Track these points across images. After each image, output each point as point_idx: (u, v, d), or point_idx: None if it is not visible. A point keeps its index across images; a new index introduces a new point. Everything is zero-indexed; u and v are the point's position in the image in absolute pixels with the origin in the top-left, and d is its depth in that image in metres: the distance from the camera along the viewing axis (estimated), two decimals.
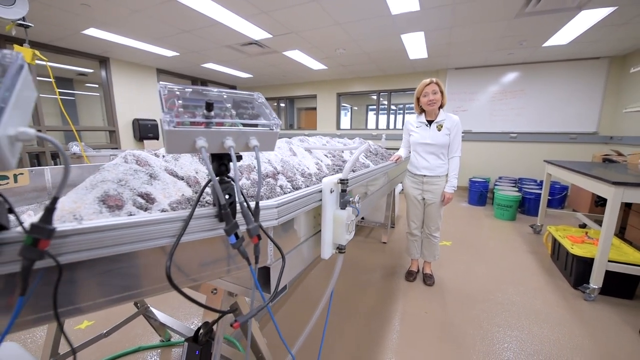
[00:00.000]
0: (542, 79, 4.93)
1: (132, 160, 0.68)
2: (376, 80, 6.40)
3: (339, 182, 0.94)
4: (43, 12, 3.18)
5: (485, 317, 1.95)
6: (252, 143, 0.53)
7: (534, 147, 5.20)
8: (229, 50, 4.63)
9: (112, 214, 0.56)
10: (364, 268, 2.64)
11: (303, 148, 1.33)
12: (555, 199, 4.49)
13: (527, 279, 2.46)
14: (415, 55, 4.71)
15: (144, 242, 0.50)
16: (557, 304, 2.11)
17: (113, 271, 0.52)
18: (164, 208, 0.63)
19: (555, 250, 2.70)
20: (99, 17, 3.32)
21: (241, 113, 0.56)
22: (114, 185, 0.60)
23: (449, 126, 2.07)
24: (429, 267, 2.44)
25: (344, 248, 0.99)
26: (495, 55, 4.63)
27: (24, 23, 2.59)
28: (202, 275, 0.64)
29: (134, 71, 5.51)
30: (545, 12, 3.06)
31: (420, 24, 3.44)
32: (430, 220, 2.26)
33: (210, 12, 3.14)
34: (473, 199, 4.90)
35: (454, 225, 3.84)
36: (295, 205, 0.76)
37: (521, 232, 3.59)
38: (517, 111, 5.17)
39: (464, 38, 3.90)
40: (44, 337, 1.41)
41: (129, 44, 4.28)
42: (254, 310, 0.56)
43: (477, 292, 2.25)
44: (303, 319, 1.90)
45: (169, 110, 0.47)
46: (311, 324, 0.95)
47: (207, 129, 0.49)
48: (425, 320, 1.93)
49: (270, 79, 7.00)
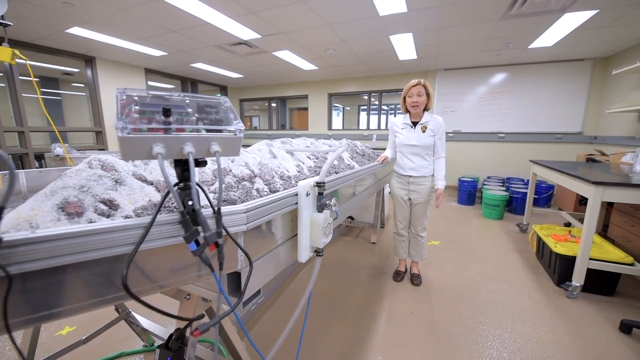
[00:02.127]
0: (529, 79, 5.01)
1: (97, 166, 0.67)
2: (367, 80, 6.42)
3: (315, 185, 0.94)
4: (25, 10, 3.10)
5: (470, 315, 1.98)
6: (213, 149, 0.53)
7: (521, 147, 5.29)
8: (218, 50, 4.59)
9: (71, 221, 0.55)
10: (352, 268, 2.65)
11: (284, 150, 1.32)
12: (542, 198, 4.57)
13: (513, 277, 2.50)
14: (404, 56, 4.74)
15: (100, 251, 0.49)
16: (541, 302, 2.14)
17: (77, 279, 0.51)
18: (128, 214, 0.62)
19: (540, 249, 2.75)
20: (83, 15, 3.26)
21: (203, 118, 0.55)
22: (75, 191, 0.59)
23: (433, 127, 2.09)
24: (416, 267, 2.46)
25: (322, 251, 0.99)
26: (483, 56, 4.69)
27: (3, 22, 2.53)
28: (171, 282, 0.63)
29: (121, 71, 5.42)
30: (530, 14, 3.11)
31: (408, 25, 3.46)
32: (416, 220, 2.28)
33: (197, 11, 3.11)
34: (462, 198, 4.96)
35: (442, 225, 3.87)
36: (268, 210, 0.76)
37: (508, 231, 3.65)
38: (505, 111, 5.25)
39: (452, 39, 3.94)
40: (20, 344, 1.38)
41: (115, 43, 4.20)
42: (216, 318, 0.55)
43: (464, 291, 2.28)
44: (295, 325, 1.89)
45: (123, 117, 0.46)
46: (289, 326, 0.95)
47: (165, 135, 0.48)
48: (411, 319, 1.94)
49: (261, 79, 6.96)
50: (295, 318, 0.97)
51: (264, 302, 2.13)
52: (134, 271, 0.57)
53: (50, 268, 0.47)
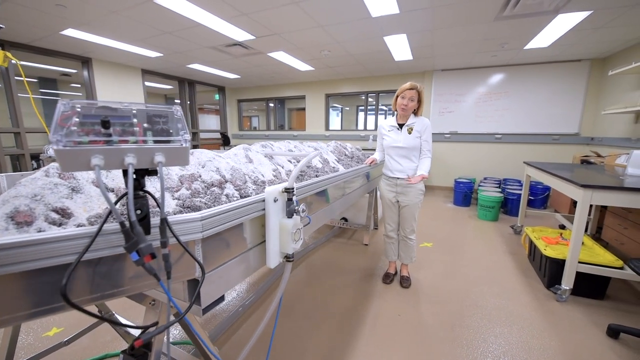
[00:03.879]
0: (525, 80, 4.99)
1: (54, 174, 0.67)
2: (364, 81, 6.42)
3: (284, 191, 0.94)
4: (18, 12, 3.12)
5: (458, 319, 1.97)
6: (156, 159, 0.53)
7: (518, 148, 5.26)
8: (213, 52, 4.60)
9: (19, 230, 0.55)
10: (343, 270, 2.64)
11: (263, 154, 1.32)
12: (538, 200, 4.55)
13: (503, 279, 2.49)
14: (400, 57, 4.72)
15: (41, 261, 0.50)
16: (530, 305, 2.13)
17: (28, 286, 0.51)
18: (81, 223, 0.62)
19: (532, 251, 2.74)
20: (76, 17, 3.27)
21: (150, 129, 0.55)
22: (27, 200, 0.59)
23: (419, 129, 2.08)
24: (405, 269, 2.46)
25: (292, 257, 0.99)
26: (479, 57, 4.67)
27: None
28: (127, 289, 0.63)
29: (117, 72, 5.44)
30: (523, 15, 3.09)
31: (402, 26, 3.45)
32: (405, 223, 2.27)
33: (189, 13, 3.11)
34: (458, 199, 4.94)
35: (436, 227, 3.86)
36: (229, 216, 0.76)
37: (502, 233, 3.63)
38: (502, 112, 5.22)
39: (447, 40, 3.93)
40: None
41: (110, 45, 4.22)
42: (161, 327, 0.55)
43: (453, 293, 2.27)
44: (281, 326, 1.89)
45: (59, 129, 0.46)
46: (258, 331, 0.95)
47: (103, 147, 0.48)
48: (397, 322, 1.93)
49: (258, 80, 6.97)
50: (265, 323, 0.97)
51: (253, 302, 2.13)
52: (85, 279, 0.58)
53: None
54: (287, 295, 2.25)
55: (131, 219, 0.47)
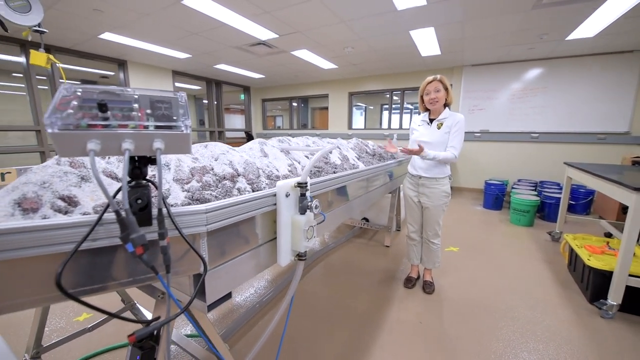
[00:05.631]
0: (567, 75, 4.58)
1: (66, 162, 0.67)
2: (388, 78, 6.25)
3: (296, 186, 0.90)
4: (61, 18, 3.35)
5: (486, 331, 1.82)
6: (155, 145, 0.50)
7: (557, 147, 4.85)
8: (238, 51, 4.68)
9: (24, 216, 0.55)
10: (362, 271, 2.56)
11: (279, 149, 1.29)
12: (580, 205, 4.16)
13: (539, 290, 2.28)
14: (427, 52, 4.53)
15: (42, 248, 0.49)
16: (569, 320, 1.93)
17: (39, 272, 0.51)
18: (87, 211, 0.61)
19: (573, 261, 2.49)
20: (112, 21, 3.46)
21: (151, 114, 0.52)
22: (35, 187, 0.59)
23: (449, 124, 1.95)
24: (428, 274, 2.33)
25: (305, 255, 0.94)
26: (514, 50, 4.35)
27: (40, 29, 2.73)
28: (127, 281, 0.62)
29: (150, 73, 5.72)
30: (566, 1, 2.83)
31: (429, 19, 3.29)
32: (427, 226, 2.15)
33: (214, 13, 3.18)
34: (488, 202, 4.65)
35: (464, 230, 3.65)
36: (235, 210, 0.72)
37: (538, 240, 3.35)
38: (539, 110, 4.84)
39: (478, 33, 3.70)
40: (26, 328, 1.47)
41: (143, 47, 4.44)
42: (157, 324, 0.53)
43: (480, 303, 2.11)
44: (296, 326, 1.86)
45: (56, 112, 0.44)
46: (268, 331, 0.91)
47: (99, 131, 0.46)
48: (418, 330, 1.82)
49: (282, 79, 7.02)
50: (276, 322, 0.93)
51: (271, 299, 2.11)
52: (86, 269, 0.57)
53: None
54: (303, 293, 2.21)
55: (124, 207, 0.45)
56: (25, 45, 4.08)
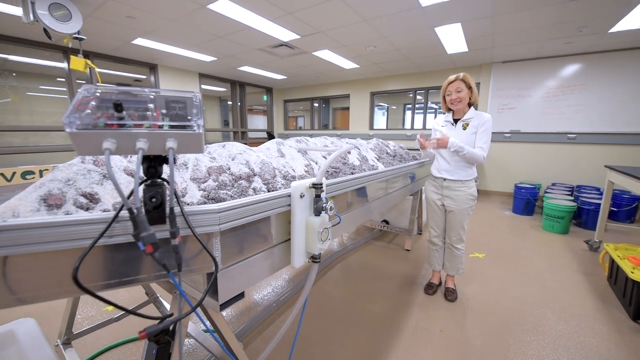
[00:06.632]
0: (609, 70, 4.22)
1: (90, 161, 0.70)
2: (411, 77, 6.09)
3: (311, 187, 0.88)
4: (98, 26, 3.58)
5: (512, 344, 1.71)
6: (167, 145, 0.50)
7: (597, 149, 4.48)
8: (261, 53, 4.77)
9: (49, 212, 0.58)
10: (381, 275, 2.50)
11: (296, 149, 1.28)
12: (623, 212, 3.82)
13: (573, 303, 2.11)
14: (453, 49, 4.36)
15: (62, 243, 0.51)
16: (608, 338, 1.76)
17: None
18: (107, 208, 0.63)
19: (613, 273, 2.28)
20: (143, 27, 3.64)
21: (165, 114, 0.53)
22: (60, 184, 0.62)
23: (476, 124, 1.85)
24: (451, 281, 2.23)
25: (319, 257, 0.92)
26: (549, 45, 4.08)
27: (79, 36, 2.95)
28: (142, 277, 0.63)
29: (179, 76, 5.98)
30: None
31: (456, 14, 3.16)
32: (451, 230, 2.06)
33: (238, 16, 3.25)
34: (518, 207, 4.39)
35: (490, 235, 3.47)
36: (248, 211, 0.72)
37: (573, 248, 3.11)
38: (576, 108, 4.50)
39: (510, 27, 3.50)
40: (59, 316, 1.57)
41: (172, 51, 4.64)
42: (168, 321, 0.53)
43: (507, 313, 1.99)
44: (313, 327, 1.85)
45: (75, 112, 0.46)
46: (281, 333, 0.91)
47: (115, 131, 0.47)
48: (439, 339, 1.75)
49: (303, 80, 7.07)
50: (290, 323, 0.92)
51: (288, 298, 2.12)
52: (105, 264, 0.58)
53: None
54: (320, 295, 2.19)
55: (135, 206, 0.46)
56: (66, 51, 4.41)
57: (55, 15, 2.77)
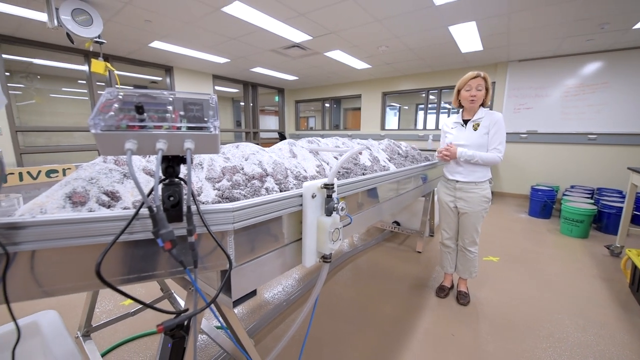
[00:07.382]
0: (633, 68, 4.04)
1: (111, 160, 0.73)
2: (424, 77, 6.01)
3: (323, 187, 0.89)
4: (117, 30, 3.70)
5: (527, 351, 1.67)
6: (185, 145, 0.52)
7: (620, 151, 4.30)
8: (273, 54, 4.81)
9: (74, 209, 0.61)
10: (391, 276, 2.49)
11: (308, 150, 1.29)
12: None
13: (592, 311, 2.04)
14: (467, 48, 4.28)
15: (86, 238, 0.53)
16: (630, 348, 1.69)
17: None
18: (127, 206, 0.66)
19: (636, 280, 2.19)
20: (160, 30, 3.75)
21: (183, 116, 0.55)
22: (84, 182, 0.65)
23: (487, 124, 1.82)
24: (463, 284, 2.19)
25: (330, 257, 0.93)
26: (568, 43, 3.95)
27: (99, 40, 3.06)
28: (159, 273, 0.66)
29: (193, 78, 6.11)
30: None
31: (470, 12, 3.11)
32: (464, 232, 2.02)
33: (251, 18, 3.29)
34: (534, 210, 4.26)
35: (505, 239, 3.39)
36: (261, 210, 0.73)
37: (593, 253, 3.00)
38: (598, 108, 4.34)
39: (526, 25, 3.41)
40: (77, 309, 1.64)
41: (187, 53, 4.75)
42: (184, 316, 0.55)
43: (522, 319, 1.94)
44: (323, 327, 1.86)
45: (99, 114, 0.48)
46: (291, 332, 0.92)
47: (136, 132, 0.49)
48: (450, 343, 1.72)
49: (315, 80, 7.09)
50: (300, 322, 0.93)
51: (299, 297, 2.13)
52: (126, 260, 0.61)
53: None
54: (330, 295, 2.20)
55: (155, 204, 0.48)
56: (87, 55, 4.58)
57: (78, 20, 2.89)
